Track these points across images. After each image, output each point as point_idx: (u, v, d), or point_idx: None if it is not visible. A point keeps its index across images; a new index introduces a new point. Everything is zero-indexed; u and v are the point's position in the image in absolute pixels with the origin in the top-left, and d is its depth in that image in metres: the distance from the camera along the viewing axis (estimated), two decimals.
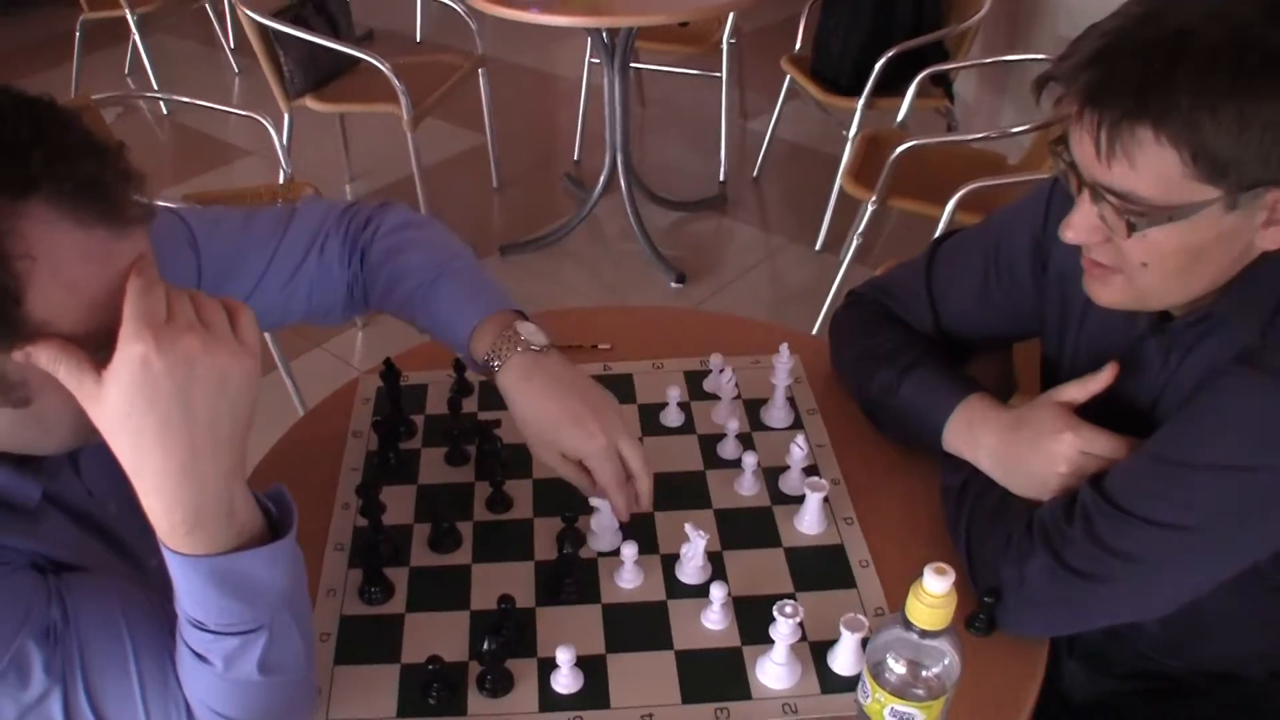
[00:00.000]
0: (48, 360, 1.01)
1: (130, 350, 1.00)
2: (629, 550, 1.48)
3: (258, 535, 1.14)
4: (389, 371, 1.77)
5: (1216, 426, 1.30)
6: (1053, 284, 1.59)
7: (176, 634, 1.17)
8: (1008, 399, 1.74)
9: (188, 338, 1.03)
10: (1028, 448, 1.46)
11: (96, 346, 1.02)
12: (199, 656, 1.15)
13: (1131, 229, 1.26)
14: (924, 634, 1.13)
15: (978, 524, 1.47)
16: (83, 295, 1.02)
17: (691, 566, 1.51)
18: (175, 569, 1.10)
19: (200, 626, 1.13)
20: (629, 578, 1.50)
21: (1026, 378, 1.78)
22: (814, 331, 3.80)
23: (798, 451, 1.61)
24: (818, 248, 4.56)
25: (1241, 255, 1.29)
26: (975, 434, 1.54)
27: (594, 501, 1.54)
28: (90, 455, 1.30)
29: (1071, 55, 1.24)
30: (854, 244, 3.68)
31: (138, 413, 1.02)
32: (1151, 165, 1.20)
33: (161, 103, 6.05)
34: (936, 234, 3.12)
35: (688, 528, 1.48)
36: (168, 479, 1.05)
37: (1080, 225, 1.31)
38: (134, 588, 1.24)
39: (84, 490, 1.31)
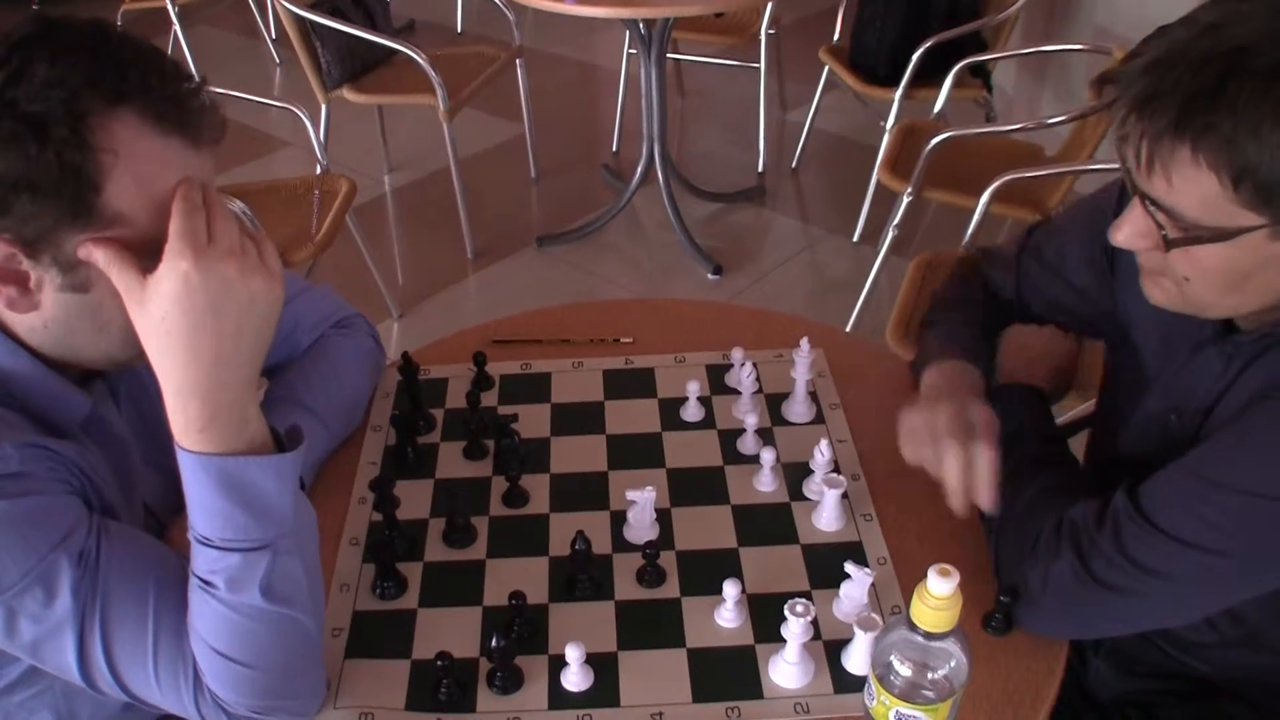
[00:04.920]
0: (104, 260, 1.14)
1: (174, 265, 1.13)
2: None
3: (267, 450, 1.22)
4: (407, 366, 1.77)
5: (1258, 451, 1.26)
6: (1124, 273, 1.54)
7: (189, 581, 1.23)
8: (1066, 392, 1.73)
9: (226, 262, 1.15)
10: (931, 400, 1.53)
11: (151, 254, 1.14)
12: (205, 584, 1.21)
13: (1168, 243, 1.24)
14: (929, 636, 1.11)
15: (1009, 518, 1.45)
16: (153, 196, 1.16)
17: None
18: (188, 473, 1.19)
19: (207, 543, 1.20)
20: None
21: (1084, 378, 1.77)
22: (849, 326, 3.77)
23: (820, 456, 1.60)
24: (855, 239, 4.53)
25: None
26: (927, 377, 1.61)
27: (630, 494, 1.54)
28: (128, 401, 1.46)
29: (1135, 56, 1.20)
30: (890, 235, 3.65)
31: (171, 318, 1.14)
32: (1189, 184, 1.17)
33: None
34: (972, 225, 3.14)
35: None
36: (190, 377, 1.16)
37: (1128, 230, 1.29)
38: (169, 549, 1.30)
39: (119, 432, 1.41)
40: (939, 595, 1.08)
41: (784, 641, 1.34)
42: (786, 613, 1.32)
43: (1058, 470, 1.51)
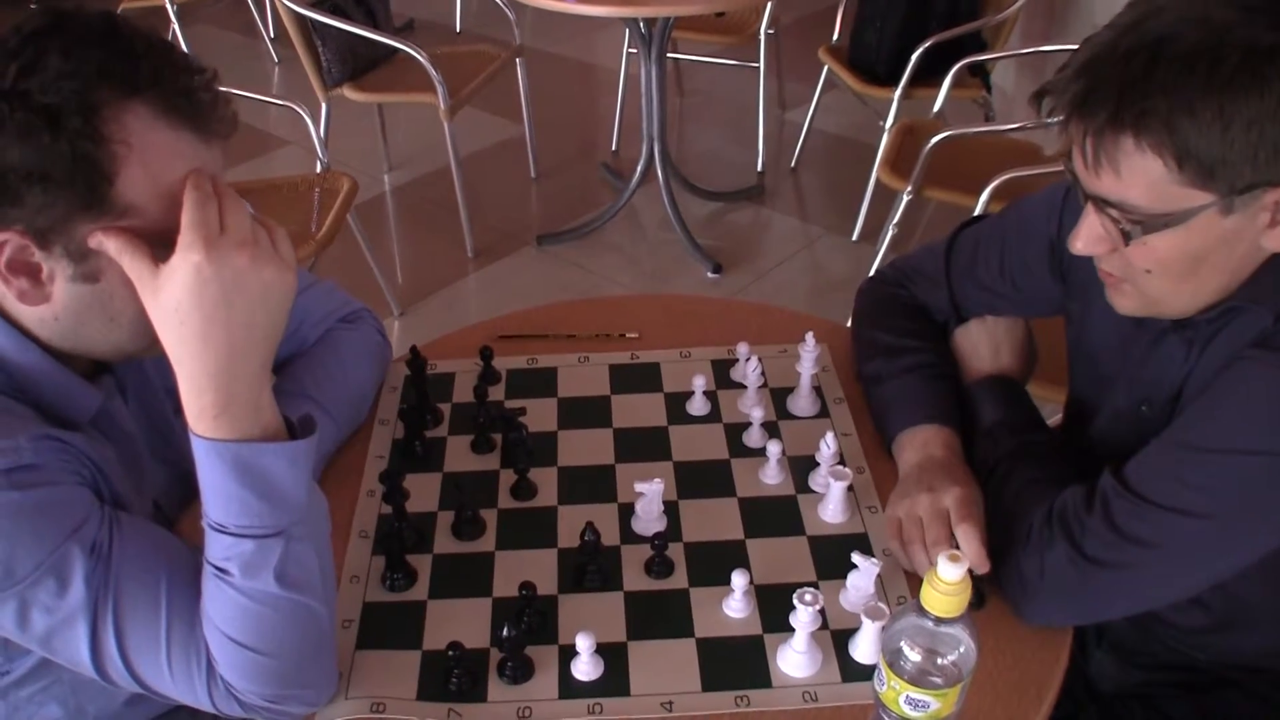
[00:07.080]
0: (116, 249, 1.15)
1: (186, 257, 1.13)
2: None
3: (281, 436, 1.23)
4: (414, 360, 1.77)
5: (1231, 411, 1.30)
6: (1073, 278, 1.60)
7: (203, 568, 1.23)
8: (1034, 364, 1.75)
9: (239, 253, 1.15)
10: (911, 485, 1.53)
11: (164, 244, 1.15)
12: (219, 571, 1.21)
13: (1127, 237, 1.28)
14: (939, 621, 1.13)
15: (999, 512, 1.46)
16: (164, 187, 1.17)
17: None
18: (202, 459, 1.20)
19: (221, 529, 1.21)
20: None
21: (1044, 356, 1.79)
22: (849, 322, 3.77)
23: (826, 449, 1.61)
24: (854, 238, 4.53)
25: (1250, 257, 1.29)
26: (903, 454, 1.61)
27: (639, 486, 1.55)
28: (134, 396, 1.45)
29: (1065, 68, 1.26)
30: (889, 234, 3.66)
31: (184, 309, 1.14)
32: (1136, 173, 1.22)
33: None
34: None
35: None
36: (203, 366, 1.17)
37: (1086, 237, 1.33)
38: (180, 540, 1.30)
39: (127, 427, 1.42)
40: (949, 580, 1.10)
41: (792, 631, 1.35)
42: (795, 601, 1.33)
43: (1039, 461, 1.53)
